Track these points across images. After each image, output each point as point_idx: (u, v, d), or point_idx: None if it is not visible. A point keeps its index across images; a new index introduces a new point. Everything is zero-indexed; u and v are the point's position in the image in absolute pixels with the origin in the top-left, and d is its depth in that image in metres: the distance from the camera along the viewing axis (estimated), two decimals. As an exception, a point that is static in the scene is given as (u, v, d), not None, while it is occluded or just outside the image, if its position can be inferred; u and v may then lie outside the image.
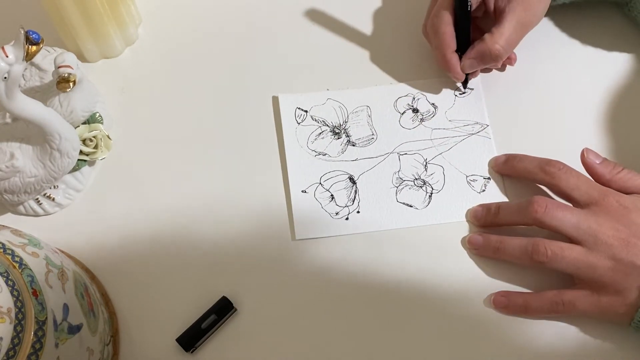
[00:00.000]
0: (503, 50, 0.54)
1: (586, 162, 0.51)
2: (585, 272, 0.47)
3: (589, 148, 0.52)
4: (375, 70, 0.60)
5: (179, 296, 0.51)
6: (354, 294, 0.51)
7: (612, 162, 0.51)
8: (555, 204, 0.49)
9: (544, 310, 0.48)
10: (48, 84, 0.54)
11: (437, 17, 0.55)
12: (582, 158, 0.52)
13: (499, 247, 0.50)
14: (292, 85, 0.60)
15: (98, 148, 0.55)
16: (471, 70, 0.56)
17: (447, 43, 0.55)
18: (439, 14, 0.55)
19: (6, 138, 0.51)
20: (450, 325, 0.50)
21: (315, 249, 0.52)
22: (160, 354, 0.49)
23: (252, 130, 0.58)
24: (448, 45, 0.55)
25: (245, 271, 0.52)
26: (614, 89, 0.58)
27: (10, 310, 0.37)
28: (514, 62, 0.59)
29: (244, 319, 0.50)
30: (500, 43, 0.54)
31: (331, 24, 0.63)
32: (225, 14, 0.64)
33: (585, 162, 0.51)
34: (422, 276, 0.51)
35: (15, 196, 0.52)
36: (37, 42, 0.43)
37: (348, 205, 0.54)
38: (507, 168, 0.54)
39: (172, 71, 0.61)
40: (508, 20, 0.54)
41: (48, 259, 0.43)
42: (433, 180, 0.55)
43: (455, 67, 0.56)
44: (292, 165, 0.56)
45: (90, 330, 0.44)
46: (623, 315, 0.47)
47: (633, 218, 0.47)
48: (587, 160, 0.51)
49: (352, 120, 0.58)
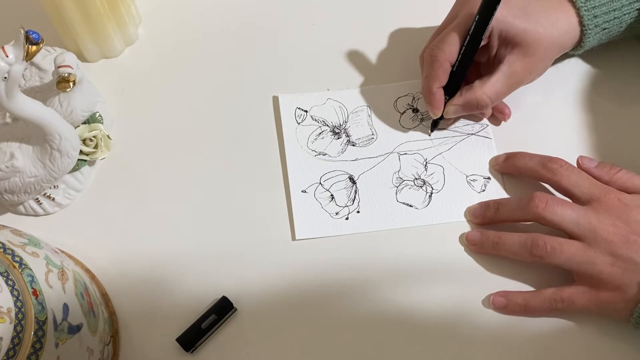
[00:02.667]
0: (489, 101, 0.53)
1: (582, 168, 0.52)
2: (584, 267, 0.47)
3: (583, 155, 0.53)
4: (375, 70, 0.60)
5: (179, 296, 0.51)
6: (353, 293, 0.51)
7: (609, 164, 0.52)
8: (556, 200, 0.49)
9: (543, 309, 0.48)
10: (48, 84, 0.54)
11: (438, 47, 0.53)
12: (577, 166, 0.52)
13: (498, 242, 0.50)
14: (292, 85, 0.60)
15: (98, 148, 0.55)
16: (454, 116, 0.55)
17: (439, 76, 0.53)
18: (442, 45, 0.52)
19: (6, 138, 0.51)
20: (450, 325, 0.50)
21: (315, 249, 0.52)
22: (160, 354, 0.49)
23: (252, 130, 0.58)
24: (438, 79, 0.53)
25: (245, 271, 0.52)
26: (614, 89, 0.58)
27: (10, 310, 0.37)
28: (507, 117, 0.57)
29: (244, 319, 0.50)
30: (487, 94, 0.52)
31: (331, 24, 0.63)
32: (225, 14, 0.64)
33: (582, 169, 0.52)
34: (421, 276, 0.51)
35: (15, 196, 0.52)
36: (37, 42, 0.43)
37: (348, 205, 0.54)
38: (507, 166, 0.54)
39: (172, 71, 0.61)
40: (502, 72, 0.52)
41: (48, 259, 0.43)
42: (433, 180, 0.55)
43: (437, 103, 0.54)
44: (292, 165, 0.56)
45: (90, 330, 0.44)
46: (622, 310, 0.47)
47: (633, 215, 0.47)
48: (582, 166, 0.52)
49: (352, 120, 0.58)
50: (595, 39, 0.54)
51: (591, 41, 0.54)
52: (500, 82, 0.52)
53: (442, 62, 0.53)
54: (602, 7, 0.52)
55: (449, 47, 0.52)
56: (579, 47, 0.55)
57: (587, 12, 0.52)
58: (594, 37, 0.53)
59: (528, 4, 0.52)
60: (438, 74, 0.53)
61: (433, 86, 0.53)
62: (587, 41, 0.54)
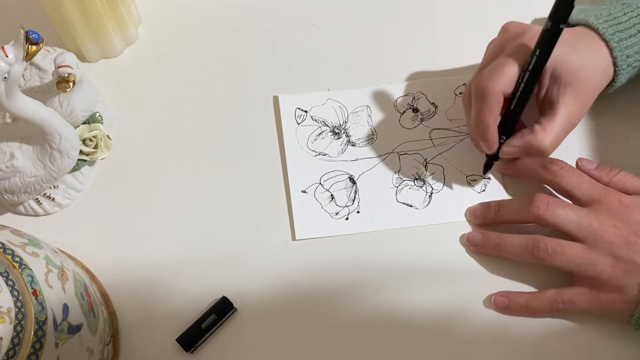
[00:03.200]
0: (551, 148, 0.49)
1: (581, 170, 0.52)
2: (585, 269, 0.47)
3: (583, 157, 0.53)
4: (375, 70, 0.60)
5: (179, 296, 0.51)
6: (353, 293, 0.51)
7: (607, 165, 0.52)
8: (557, 202, 0.49)
9: (544, 310, 0.48)
10: (48, 84, 0.54)
11: (491, 78, 0.48)
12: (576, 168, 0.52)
13: (499, 243, 0.50)
14: (292, 85, 0.60)
15: (98, 148, 0.55)
16: (509, 157, 0.52)
17: (494, 110, 0.48)
18: (495, 75, 0.48)
19: (6, 138, 0.51)
20: (451, 325, 0.50)
21: (315, 249, 0.52)
22: (160, 354, 0.49)
23: (252, 130, 0.58)
24: (494, 113, 0.49)
25: (245, 271, 0.52)
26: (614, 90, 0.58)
27: (10, 310, 0.37)
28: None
29: (244, 319, 0.50)
30: (549, 139, 0.48)
31: (331, 24, 0.63)
32: (225, 14, 0.64)
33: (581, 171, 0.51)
34: (422, 276, 0.51)
35: (15, 196, 0.52)
36: (37, 42, 0.43)
37: (348, 205, 0.54)
38: (508, 167, 0.54)
39: (172, 71, 0.61)
40: (560, 114, 0.49)
41: (48, 259, 0.43)
42: (433, 180, 0.55)
43: (494, 139, 0.50)
44: (292, 165, 0.56)
45: (90, 330, 0.44)
46: (623, 312, 0.47)
47: (633, 216, 0.47)
48: (582, 168, 0.52)
49: (352, 120, 0.58)
50: (626, 78, 0.52)
51: (622, 80, 0.52)
52: (561, 126, 0.49)
53: (497, 94, 0.48)
54: (635, 46, 0.50)
55: (504, 79, 0.48)
56: (610, 86, 0.52)
57: (620, 53, 0.50)
58: (625, 76, 0.52)
59: (575, 41, 0.50)
60: (494, 107, 0.49)
61: (489, 120, 0.49)
62: (619, 80, 0.52)
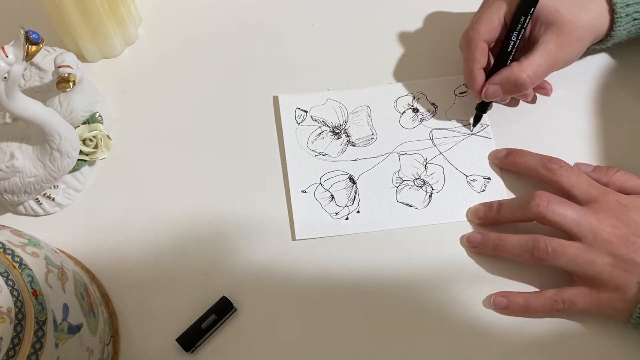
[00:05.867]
0: (529, 80, 0.52)
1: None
2: (584, 268, 0.47)
3: (580, 162, 0.53)
4: (375, 70, 0.60)
5: (179, 296, 0.51)
6: (353, 294, 0.51)
7: (605, 166, 0.52)
8: (558, 199, 0.49)
9: (544, 310, 0.48)
10: (48, 84, 0.54)
11: (472, 28, 0.53)
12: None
13: (499, 243, 0.50)
14: (292, 85, 0.60)
15: (98, 148, 0.55)
16: (494, 98, 0.54)
17: (476, 58, 0.53)
18: (475, 25, 0.53)
19: (6, 138, 0.51)
20: (451, 325, 0.50)
21: (315, 249, 0.52)
22: (160, 354, 0.49)
23: (252, 130, 0.58)
24: (477, 60, 0.53)
25: (245, 271, 0.52)
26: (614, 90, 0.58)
27: (10, 310, 0.37)
28: (550, 92, 0.57)
29: (244, 319, 0.50)
30: (527, 72, 0.51)
31: (331, 24, 0.63)
32: (226, 14, 0.64)
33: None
34: (422, 276, 0.51)
35: (15, 196, 0.52)
36: (37, 42, 0.43)
37: (348, 205, 0.54)
38: (507, 162, 0.54)
39: (172, 71, 0.61)
40: (539, 51, 0.52)
41: (48, 259, 0.43)
42: (433, 180, 0.55)
43: (477, 84, 0.54)
44: (292, 165, 0.56)
45: (90, 330, 0.44)
46: (622, 311, 0.47)
47: (632, 216, 0.48)
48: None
49: (352, 120, 0.58)
50: (624, 30, 0.53)
51: (621, 31, 0.53)
52: (538, 61, 0.52)
53: (478, 42, 0.53)
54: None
55: (483, 27, 0.52)
56: (608, 37, 0.54)
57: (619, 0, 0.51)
58: (624, 27, 0.53)
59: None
60: (475, 55, 0.53)
61: (474, 68, 0.53)
62: (618, 30, 0.53)
